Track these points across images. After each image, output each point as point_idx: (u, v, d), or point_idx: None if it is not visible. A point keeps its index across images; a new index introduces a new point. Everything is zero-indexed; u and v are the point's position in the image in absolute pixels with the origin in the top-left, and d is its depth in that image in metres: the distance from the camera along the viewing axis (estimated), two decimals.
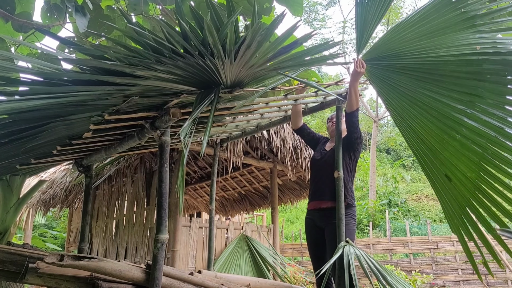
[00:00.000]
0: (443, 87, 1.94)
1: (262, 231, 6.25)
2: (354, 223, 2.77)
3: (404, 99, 2.18)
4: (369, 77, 2.50)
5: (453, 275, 8.75)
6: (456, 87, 1.89)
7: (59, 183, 7.31)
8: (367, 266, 2.20)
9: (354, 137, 2.78)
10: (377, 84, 2.42)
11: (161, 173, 2.12)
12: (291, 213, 17.91)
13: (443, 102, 1.94)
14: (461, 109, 1.89)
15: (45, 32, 1.64)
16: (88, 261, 1.85)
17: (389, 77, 2.25)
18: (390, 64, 2.21)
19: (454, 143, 1.94)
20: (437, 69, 1.95)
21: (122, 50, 1.43)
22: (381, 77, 2.33)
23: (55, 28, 3.02)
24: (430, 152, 2.11)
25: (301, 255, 10.60)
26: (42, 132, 2.07)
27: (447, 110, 1.95)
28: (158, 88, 1.81)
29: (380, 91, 2.39)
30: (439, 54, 1.93)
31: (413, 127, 2.19)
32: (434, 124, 2.02)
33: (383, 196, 16.39)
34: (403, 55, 2.10)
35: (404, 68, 2.12)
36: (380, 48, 2.24)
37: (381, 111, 20.76)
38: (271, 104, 2.78)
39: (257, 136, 5.49)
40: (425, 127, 2.08)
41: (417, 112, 2.11)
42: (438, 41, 1.92)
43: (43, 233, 13.07)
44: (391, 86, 2.25)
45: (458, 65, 1.86)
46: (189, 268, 5.12)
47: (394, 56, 2.16)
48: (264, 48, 1.50)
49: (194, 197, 8.75)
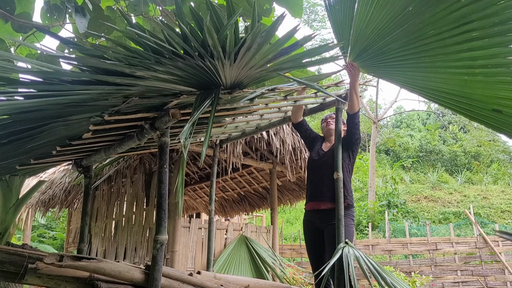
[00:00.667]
0: (434, 36, 1.87)
1: (262, 232, 6.25)
2: (353, 224, 2.78)
3: (408, 68, 2.15)
4: (367, 71, 2.51)
5: (452, 276, 8.75)
6: (444, 27, 1.80)
7: (59, 183, 7.30)
8: (366, 267, 2.20)
9: (354, 138, 2.81)
10: (378, 73, 2.43)
11: (160, 174, 2.12)
12: (290, 214, 17.90)
13: (442, 48, 1.86)
14: (460, 42, 1.80)
15: (45, 32, 1.64)
16: (88, 262, 1.85)
17: (383, 59, 2.24)
18: (376, 48, 2.20)
19: (478, 78, 1.85)
20: (417, 23, 1.88)
21: (122, 51, 1.43)
22: (376, 64, 2.32)
23: (54, 29, 3.02)
24: (465, 99, 2.02)
25: (300, 256, 10.60)
26: (42, 133, 2.07)
27: (449, 52, 1.87)
28: (158, 89, 1.81)
29: (385, 76, 2.39)
30: (408, 10, 1.87)
31: (432, 87, 2.13)
32: (448, 72, 1.95)
33: (382, 197, 16.39)
34: (382, 34, 2.08)
35: (389, 43, 2.09)
36: (359, 42, 2.24)
37: (381, 112, 20.78)
38: (271, 105, 2.78)
39: (257, 137, 5.49)
40: (443, 80, 2.02)
41: (426, 71, 2.06)
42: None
43: (42, 233, 13.05)
44: (390, 65, 2.23)
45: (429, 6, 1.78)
46: (188, 269, 5.12)
47: (374, 40, 2.15)
48: (264, 50, 1.50)
49: (193, 198, 8.75)
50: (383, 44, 2.12)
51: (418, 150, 23.52)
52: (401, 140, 23.84)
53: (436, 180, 18.96)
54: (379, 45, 2.15)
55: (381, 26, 2.04)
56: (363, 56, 2.34)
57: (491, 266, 8.69)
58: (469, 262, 8.92)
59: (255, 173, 7.03)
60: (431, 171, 20.41)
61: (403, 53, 2.08)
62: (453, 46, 1.85)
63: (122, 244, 6.00)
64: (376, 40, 2.14)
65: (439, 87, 2.10)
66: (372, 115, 19.29)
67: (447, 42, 1.85)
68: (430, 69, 2.04)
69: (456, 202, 16.44)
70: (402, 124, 28.07)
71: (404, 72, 2.21)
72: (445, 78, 2.01)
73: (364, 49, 2.28)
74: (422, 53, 2.00)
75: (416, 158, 22.74)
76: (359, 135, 2.86)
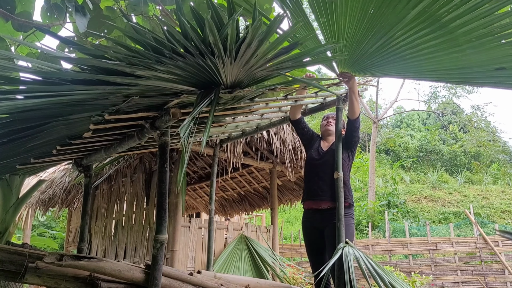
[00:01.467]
0: (404, 33, 1.85)
1: (262, 231, 6.25)
2: (353, 223, 2.80)
3: (397, 63, 2.13)
4: (361, 75, 2.51)
5: (452, 276, 8.76)
6: (412, 24, 1.79)
7: (59, 182, 7.30)
8: (365, 267, 2.20)
9: (353, 140, 2.84)
10: (371, 73, 2.42)
11: (161, 173, 2.12)
12: (290, 214, 17.91)
13: (420, 39, 1.85)
14: (434, 31, 1.79)
15: (45, 31, 1.64)
16: (88, 261, 1.85)
17: (369, 63, 2.22)
18: (358, 55, 2.17)
19: (467, 51, 1.84)
20: (385, 25, 1.86)
21: (122, 50, 1.43)
22: (367, 68, 2.31)
23: (55, 28, 3.02)
24: (464, 69, 2.01)
25: (300, 256, 10.60)
26: (42, 132, 2.07)
27: (428, 40, 1.85)
28: (158, 88, 1.81)
29: (377, 74, 2.38)
30: (370, 14, 1.85)
31: (427, 69, 2.12)
32: (436, 56, 1.94)
33: (382, 197, 16.40)
34: (356, 42, 2.06)
35: (368, 48, 2.08)
36: (342, 51, 2.23)
37: (381, 112, 20.77)
38: (271, 104, 2.79)
39: (257, 136, 5.49)
40: (435, 61, 2.01)
41: (415, 60, 2.04)
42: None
43: (42, 232, 13.06)
44: (378, 64, 2.21)
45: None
46: (188, 269, 5.12)
47: (353, 48, 2.13)
48: (264, 48, 1.50)
49: (193, 198, 8.75)
50: (363, 50, 2.11)
51: (418, 150, 23.53)
52: (401, 140, 23.84)
53: (436, 180, 18.98)
54: (360, 52, 2.13)
55: (352, 34, 2.03)
56: (351, 63, 2.33)
57: (491, 266, 8.69)
58: (469, 262, 8.93)
59: (255, 172, 7.03)
60: (431, 171, 20.42)
61: (385, 53, 2.07)
62: (429, 35, 1.83)
63: (122, 243, 6.00)
64: (355, 48, 2.13)
65: (434, 68, 2.09)
66: (372, 115, 19.30)
67: (422, 34, 1.84)
68: (418, 57, 2.02)
69: (456, 202, 16.45)
70: (402, 124, 28.08)
71: (395, 66, 2.18)
72: (436, 60, 2.00)
73: (349, 59, 2.27)
74: (403, 49, 1.99)
75: (416, 158, 22.76)
76: (359, 136, 2.90)
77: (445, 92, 23.01)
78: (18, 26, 2.74)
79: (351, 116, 2.75)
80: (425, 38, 1.86)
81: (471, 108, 23.41)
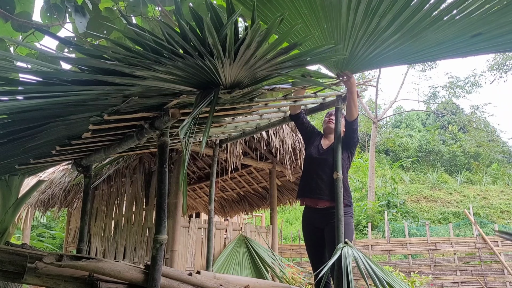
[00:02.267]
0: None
1: (261, 232, 6.25)
2: (352, 222, 2.80)
3: (377, 58, 2.16)
4: (359, 71, 2.52)
5: (452, 276, 8.76)
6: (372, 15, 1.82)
7: (58, 183, 7.30)
8: (364, 267, 2.21)
9: (352, 141, 2.85)
10: (365, 67, 2.43)
11: (160, 173, 2.12)
12: (290, 214, 17.91)
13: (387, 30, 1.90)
14: (395, 19, 1.83)
15: (44, 32, 1.64)
16: (87, 261, 1.85)
17: (357, 61, 2.24)
18: (361, 50, 2.20)
19: (441, 29, 1.88)
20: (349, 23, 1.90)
21: (122, 51, 1.43)
22: (360, 64, 2.32)
23: (54, 28, 3.02)
24: (443, 44, 2.03)
25: (299, 256, 10.60)
26: (41, 132, 2.07)
27: (414, 12, 1.85)
28: (157, 89, 1.81)
29: (384, 64, 2.39)
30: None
31: (411, 52, 2.14)
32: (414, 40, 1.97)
33: (382, 197, 16.40)
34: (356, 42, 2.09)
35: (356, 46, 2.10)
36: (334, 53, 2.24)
37: (380, 112, 20.78)
38: (271, 104, 2.79)
39: (256, 136, 5.49)
40: (417, 45, 2.04)
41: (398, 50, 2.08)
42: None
43: (42, 233, 13.05)
44: (366, 60, 2.23)
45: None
46: (188, 269, 5.12)
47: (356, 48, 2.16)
48: (264, 48, 1.51)
49: (193, 198, 8.75)
50: (353, 47, 2.12)
51: (418, 150, 23.54)
52: (401, 140, 23.85)
53: (435, 180, 18.99)
54: (349, 49, 2.15)
55: (327, 35, 2.05)
56: (345, 63, 2.34)
57: (490, 266, 8.70)
58: (468, 262, 8.94)
59: (254, 173, 7.03)
60: (430, 171, 20.43)
61: (367, 51, 2.10)
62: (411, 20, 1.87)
63: (122, 243, 6.00)
64: (352, 46, 2.15)
65: (417, 50, 2.11)
66: (372, 115, 19.31)
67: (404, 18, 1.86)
68: (399, 47, 2.05)
69: (455, 202, 16.46)
70: (402, 124, 28.09)
71: (375, 59, 2.20)
72: (417, 44, 2.02)
73: (343, 59, 2.28)
74: (375, 43, 2.02)
75: (416, 158, 22.77)
76: (358, 138, 2.90)
77: (444, 92, 23.06)
78: (17, 27, 2.74)
79: (349, 117, 2.75)
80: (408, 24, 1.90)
81: (470, 108, 23.43)
